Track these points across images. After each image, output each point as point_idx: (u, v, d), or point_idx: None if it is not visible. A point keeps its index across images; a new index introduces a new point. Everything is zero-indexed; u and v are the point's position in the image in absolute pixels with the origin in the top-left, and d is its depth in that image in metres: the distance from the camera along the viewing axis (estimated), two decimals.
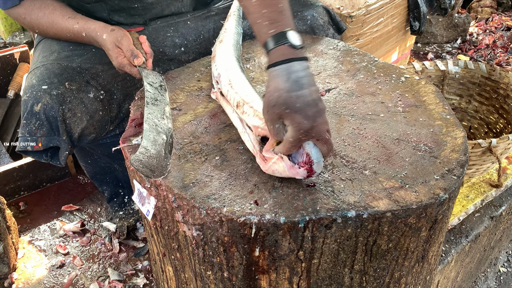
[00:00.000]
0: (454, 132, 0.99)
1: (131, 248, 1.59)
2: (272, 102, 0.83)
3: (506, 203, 1.70)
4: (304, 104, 0.81)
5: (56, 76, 1.22)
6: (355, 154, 0.94)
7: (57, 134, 1.20)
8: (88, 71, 1.27)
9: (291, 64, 0.85)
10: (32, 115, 1.19)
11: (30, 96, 1.19)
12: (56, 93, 1.19)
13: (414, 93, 1.14)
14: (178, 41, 1.44)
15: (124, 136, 1.02)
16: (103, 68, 1.30)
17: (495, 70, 1.74)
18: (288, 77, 0.83)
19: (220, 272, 0.91)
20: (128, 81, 1.35)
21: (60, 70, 1.24)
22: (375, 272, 0.90)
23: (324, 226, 0.80)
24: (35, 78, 1.22)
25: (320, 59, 1.31)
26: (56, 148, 1.23)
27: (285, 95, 0.82)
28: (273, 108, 0.83)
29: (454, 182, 0.86)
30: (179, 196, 0.85)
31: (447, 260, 1.47)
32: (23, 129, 1.20)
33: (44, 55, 1.30)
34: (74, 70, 1.26)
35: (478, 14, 3.56)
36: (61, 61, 1.26)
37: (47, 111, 1.18)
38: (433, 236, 0.91)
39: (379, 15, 1.99)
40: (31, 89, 1.20)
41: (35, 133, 1.19)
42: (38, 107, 1.18)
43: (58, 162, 1.24)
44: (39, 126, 1.19)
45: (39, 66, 1.26)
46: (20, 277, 1.49)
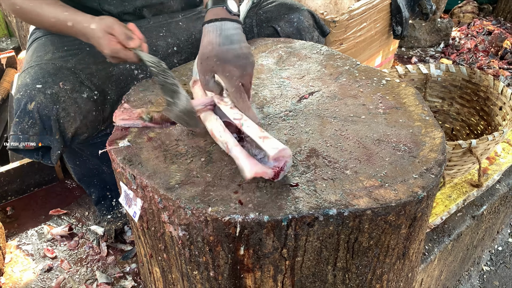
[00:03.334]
0: (433, 133, 1.02)
1: (119, 251, 1.60)
2: (205, 55, 0.95)
3: (487, 202, 1.74)
4: (234, 56, 0.94)
5: (50, 75, 1.23)
6: (337, 154, 0.97)
7: (49, 134, 1.21)
8: (82, 72, 1.28)
9: (224, 22, 0.98)
10: (25, 114, 1.19)
11: (23, 94, 1.19)
12: (50, 92, 1.20)
13: (395, 95, 1.17)
14: (171, 41, 1.46)
15: (110, 139, 1.03)
16: (97, 68, 1.31)
17: (475, 73, 1.79)
18: (220, 33, 0.96)
19: (206, 272, 0.92)
20: (122, 81, 1.36)
21: (55, 70, 1.24)
22: (358, 269, 0.93)
23: (307, 224, 0.83)
24: (29, 77, 1.23)
25: (304, 63, 1.33)
26: (48, 147, 1.24)
27: (217, 48, 0.94)
28: (206, 60, 0.95)
29: (432, 180, 0.89)
30: (165, 197, 0.87)
31: (430, 258, 1.51)
32: (15, 127, 1.19)
33: (38, 54, 1.31)
34: (69, 70, 1.26)
35: (460, 19, 3.64)
36: (56, 61, 1.27)
37: (41, 110, 1.19)
38: (413, 233, 0.94)
39: (362, 20, 2.03)
40: (24, 87, 1.20)
41: (27, 132, 1.19)
42: (31, 105, 1.18)
43: (50, 161, 1.24)
44: (31, 124, 1.19)
45: (33, 65, 1.26)
46: (7, 281, 1.49)
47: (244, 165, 0.87)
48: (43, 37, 1.40)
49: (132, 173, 0.93)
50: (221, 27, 0.98)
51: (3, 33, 3.04)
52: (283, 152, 0.86)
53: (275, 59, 1.37)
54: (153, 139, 1.03)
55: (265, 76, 1.28)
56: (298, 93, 1.19)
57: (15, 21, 2.57)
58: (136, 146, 1.00)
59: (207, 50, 0.96)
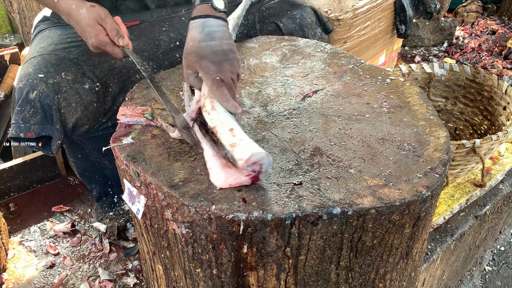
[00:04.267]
0: (437, 132, 1.02)
1: (121, 248, 1.60)
2: (187, 51, 0.98)
3: (490, 202, 1.74)
4: (211, 52, 0.95)
5: (52, 66, 1.23)
6: (341, 153, 0.96)
7: (50, 123, 1.21)
8: (85, 63, 1.28)
9: (207, 19, 1.00)
10: (26, 103, 1.19)
11: (25, 83, 1.20)
12: (52, 82, 1.20)
13: (399, 94, 1.17)
14: (173, 36, 1.47)
15: (114, 136, 1.03)
16: (99, 60, 1.31)
17: (479, 72, 1.78)
18: (202, 30, 0.98)
19: (209, 270, 0.92)
20: (124, 74, 1.36)
21: (57, 61, 1.25)
22: (361, 268, 0.93)
23: (311, 223, 0.83)
24: (31, 67, 1.23)
25: (308, 61, 1.33)
26: (49, 137, 1.24)
27: (196, 45, 0.96)
28: (188, 56, 0.97)
29: (436, 180, 0.89)
30: (168, 195, 0.87)
31: (432, 258, 1.50)
32: (17, 116, 1.20)
33: (42, 45, 1.31)
34: (71, 61, 1.27)
35: (464, 18, 3.62)
36: (59, 52, 1.28)
37: (42, 99, 1.19)
38: (417, 233, 0.94)
39: (366, 19, 2.02)
40: (27, 77, 1.21)
41: (28, 120, 1.19)
42: (33, 94, 1.19)
43: (50, 151, 1.25)
44: (33, 113, 1.19)
45: (36, 55, 1.27)
46: (10, 277, 1.49)
47: (217, 176, 0.87)
48: (46, 30, 1.40)
49: (136, 170, 0.92)
50: (204, 24, 1.00)
51: (6, 29, 3.04)
52: (253, 158, 0.82)
53: (279, 57, 1.36)
54: (156, 136, 1.03)
55: (269, 74, 1.28)
56: (302, 92, 1.19)
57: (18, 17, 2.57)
58: (140, 143, 1.00)
59: (188, 46, 0.99)
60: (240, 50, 1.42)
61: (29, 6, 2.46)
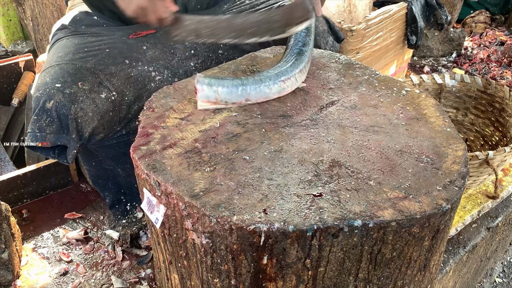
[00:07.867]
0: (455, 145, 1.02)
1: (134, 256, 1.60)
2: None
3: (502, 214, 1.73)
4: None
5: (70, 75, 1.25)
6: (359, 165, 0.97)
7: (65, 133, 1.23)
8: (101, 72, 1.30)
9: None
10: (43, 112, 1.21)
11: (43, 93, 1.22)
12: (69, 92, 1.22)
13: (415, 106, 1.17)
14: (188, 44, 1.48)
15: (134, 145, 1.04)
16: (116, 69, 1.33)
17: (490, 84, 1.79)
18: None
19: (227, 280, 0.93)
20: (140, 83, 1.38)
21: (74, 70, 1.27)
22: (379, 280, 0.93)
23: (331, 235, 0.83)
24: (48, 76, 1.25)
25: (323, 72, 1.34)
26: (64, 146, 1.25)
27: None
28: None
29: (456, 193, 0.89)
30: (189, 205, 0.88)
31: (445, 270, 1.50)
32: (33, 125, 1.21)
33: (59, 55, 1.33)
34: (88, 70, 1.28)
35: (472, 29, 3.63)
36: (76, 62, 1.29)
37: (59, 109, 1.21)
38: (435, 245, 0.94)
39: (379, 29, 2.04)
40: (44, 86, 1.23)
41: (44, 130, 1.21)
42: (50, 104, 1.20)
43: (65, 160, 1.26)
44: (49, 123, 1.21)
45: (54, 65, 1.29)
46: (23, 284, 1.50)
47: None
48: (64, 38, 1.42)
49: (156, 179, 0.93)
50: None
51: (19, 35, 3.07)
52: None
53: None
54: (176, 144, 1.04)
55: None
56: (318, 103, 1.20)
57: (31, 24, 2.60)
58: (159, 153, 1.01)
59: None
60: (255, 60, 1.43)
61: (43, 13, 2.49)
